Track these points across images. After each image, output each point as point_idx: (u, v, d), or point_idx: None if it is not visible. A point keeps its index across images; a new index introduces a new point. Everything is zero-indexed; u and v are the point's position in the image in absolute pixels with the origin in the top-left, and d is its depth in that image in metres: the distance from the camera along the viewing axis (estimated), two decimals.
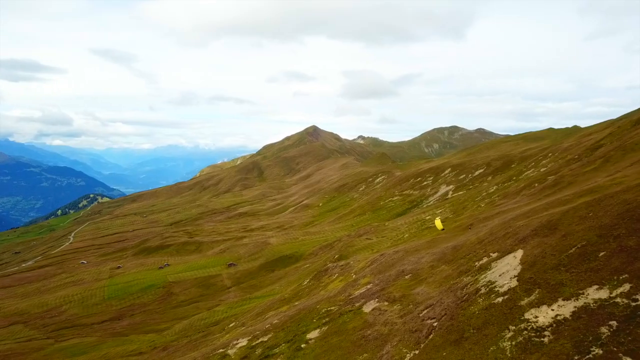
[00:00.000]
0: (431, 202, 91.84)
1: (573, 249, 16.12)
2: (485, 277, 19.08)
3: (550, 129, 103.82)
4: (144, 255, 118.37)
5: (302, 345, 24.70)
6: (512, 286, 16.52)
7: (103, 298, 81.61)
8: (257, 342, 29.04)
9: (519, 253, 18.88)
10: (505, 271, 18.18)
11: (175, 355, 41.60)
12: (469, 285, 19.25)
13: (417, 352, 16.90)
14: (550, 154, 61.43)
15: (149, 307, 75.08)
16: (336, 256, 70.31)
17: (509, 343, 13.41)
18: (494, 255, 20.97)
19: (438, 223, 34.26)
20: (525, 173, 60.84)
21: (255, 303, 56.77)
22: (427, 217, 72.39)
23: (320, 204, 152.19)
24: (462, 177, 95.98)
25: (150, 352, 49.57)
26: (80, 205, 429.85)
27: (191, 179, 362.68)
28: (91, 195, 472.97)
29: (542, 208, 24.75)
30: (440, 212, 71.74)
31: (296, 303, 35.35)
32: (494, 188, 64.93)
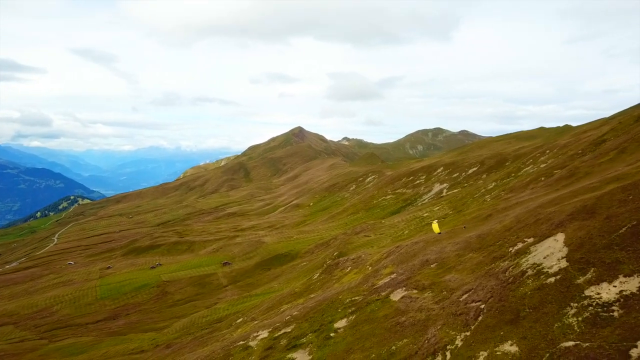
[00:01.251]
0: (426, 200, 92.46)
1: (623, 229, 16.29)
2: (527, 260, 19.20)
3: (542, 128, 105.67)
4: (134, 256, 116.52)
5: (331, 334, 24.54)
6: (563, 266, 16.64)
7: (96, 298, 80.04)
8: (279, 333, 28.78)
9: (560, 236, 19.03)
10: (550, 253, 18.31)
11: (182, 352, 40.96)
12: (510, 269, 19.34)
13: (467, 333, 16.87)
14: (548, 151, 62.40)
15: (145, 306, 73.93)
16: (335, 253, 70.23)
17: (575, 319, 13.47)
18: (530, 240, 21.11)
19: (435, 226, 33.96)
20: (525, 169, 61.69)
21: (258, 300, 56.33)
22: (425, 214, 72.85)
23: (311, 204, 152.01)
24: (455, 175, 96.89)
25: (152, 350, 48.77)
26: (60, 207, 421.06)
27: (176, 180, 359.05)
28: (71, 197, 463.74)
29: (569, 195, 24.98)
30: (438, 209, 72.27)
31: (312, 295, 35.14)
32: (493, 184, 65.63)
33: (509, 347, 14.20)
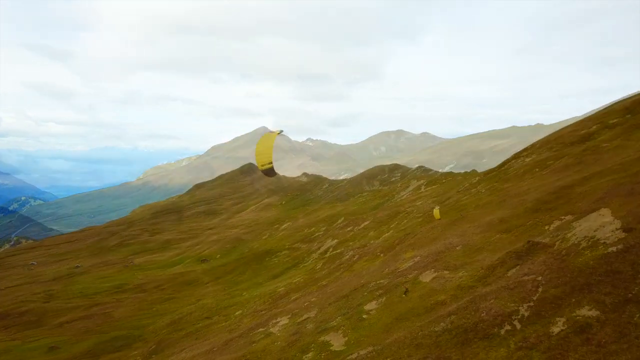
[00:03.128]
0: (404, 196, 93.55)
1: None
2: (574, 235, 19.53)
3: (513, 127, 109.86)
4: (103, 254, 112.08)
5: (364, 316, 24.24)
6: (621, 237, 16.98)
7: (67, 297, 76.43)
8: (301, 318, 28.24)
9: (606, 211, 19.48)
10: (600, 226, 18.68)
11: (180, 347, 39.70)
12: (557, 244, 19.68)
13: (531, 304, 16.87)
14: (530, 146, 64.34)
15: (123, 304, 71.25)
16: (323, 247, 70.06)
17: None
18: (568, 217, 21.57)
19: (436, 212, 35.15)
20: (508, 163, 63.31)
21: (249, 293, 55.43)
22: (409, 209, 73.70)
23: (284, 202, 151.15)
24: (431, 172, 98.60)
25: (143, 346, 47.10)
26: (11, 208, 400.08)
27: (138, 179, 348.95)
28: (22, 198, 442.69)
29: (595, 176, 25.63)
30: (421, 204, 73.26)
31: (323, 283, 34.78)
32: (476, 179, 67.02)
33: (588, 312, 14.30)
